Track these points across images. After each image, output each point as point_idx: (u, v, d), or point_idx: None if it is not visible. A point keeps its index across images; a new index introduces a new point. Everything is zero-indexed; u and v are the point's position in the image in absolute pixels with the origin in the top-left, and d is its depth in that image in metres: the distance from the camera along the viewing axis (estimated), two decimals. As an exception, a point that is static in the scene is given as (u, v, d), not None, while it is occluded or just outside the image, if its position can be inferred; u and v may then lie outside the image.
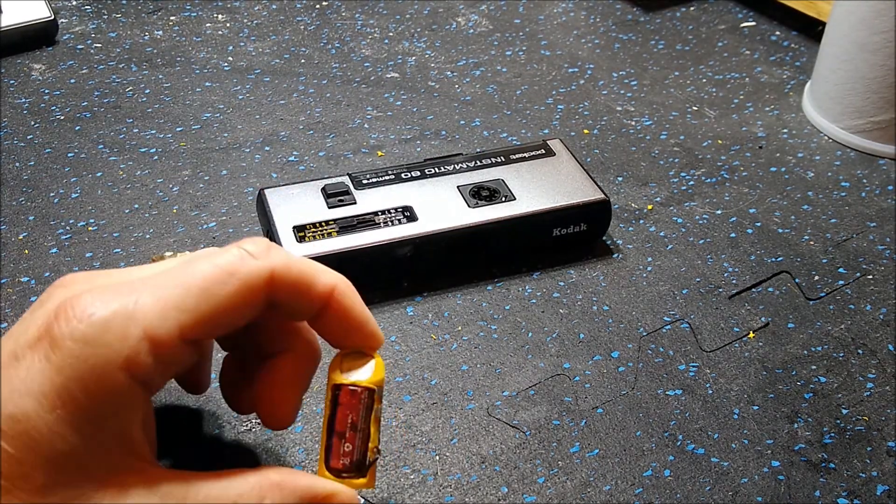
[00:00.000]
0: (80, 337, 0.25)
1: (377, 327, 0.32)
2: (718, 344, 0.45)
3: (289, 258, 0.29)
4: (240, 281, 0.27)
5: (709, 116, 0.62)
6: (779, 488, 0.38)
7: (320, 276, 0.30)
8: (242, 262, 0.27)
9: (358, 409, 0.31)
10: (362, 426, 0.31)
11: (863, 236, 0.52)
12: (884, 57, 0.55)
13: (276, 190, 0.47)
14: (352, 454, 0.31)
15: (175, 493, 0.26)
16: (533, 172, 0.50)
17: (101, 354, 0.25)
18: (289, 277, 0.28)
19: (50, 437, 0.24)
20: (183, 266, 0.27)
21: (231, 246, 0.28)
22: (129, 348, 0.25)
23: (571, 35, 0.71)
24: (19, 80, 0.63)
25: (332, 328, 0.31)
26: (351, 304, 0.31)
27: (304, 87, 0.63)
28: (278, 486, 0.28)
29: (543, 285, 0.48)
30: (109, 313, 0.25)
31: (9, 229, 0.50)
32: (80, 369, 0.24)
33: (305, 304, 0.30)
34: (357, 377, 0.31)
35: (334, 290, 0.30)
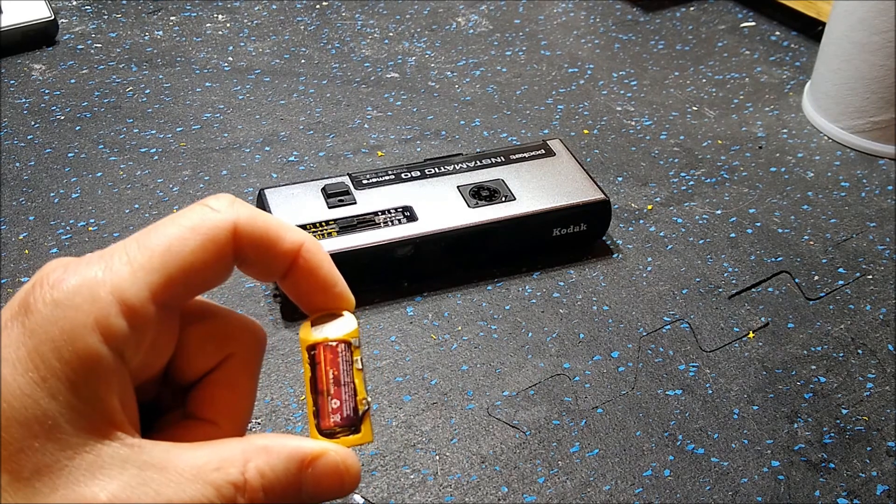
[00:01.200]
0: (51, 301, 0.25)
1: (347, 287, 0.32)
2: (718, 344, 0.45)
3: (253, 211, 0.29)
4: (203, 235, 0.27)
5: (709, 116, 0.62)
6: (779, 488, 0.38)
7: (287, 231, 0.29)
8: (204, 217, 0.27)
9: (337, 363, 0.31)
10: (346, 380, 0.30)
11: (863, 236, 0.52)
12: (884, 57, 0.55)
13: (276, 190, 0.47)
14: (341, 410, 0.30)
15: (154, 462, 0.26)
16: (533, 172, 0.50)
17: (71, 317, 0.25)
18: (254, 230, 0.28)
19: (22, 401, 0.24)
20: (147, 230, 0.27)
21: (194, 204, 0.28)
22: (99, 309, 0.25)
23: (571, 35, 0.71)
24: (19, 80, 0.63)
25: (300, 287, 0.31)
26: (319, 263, 0.30)
27: (304, 87, 0.63)
28: (264, 450, 0.28)
29: (543, 285, 0.48)
30: (80, 280, 0.26)
31: (9, 229, 0.50)
32: (50, 331, 0.25)
33: (272, 260, 0.30)
34: (329, 333, 0.31)
35: (302, 246, 0.30)
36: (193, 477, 0.26)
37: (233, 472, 0.27)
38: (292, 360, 0.42)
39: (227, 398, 0.31)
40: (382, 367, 0.43)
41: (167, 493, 0.25)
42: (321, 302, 0.32)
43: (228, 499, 0.26)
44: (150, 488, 0.25)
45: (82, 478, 0.25)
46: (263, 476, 0.27)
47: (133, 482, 0.25)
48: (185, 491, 0.26)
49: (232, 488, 0.26)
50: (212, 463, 0.26)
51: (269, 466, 0.27)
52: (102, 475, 0.25)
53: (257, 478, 0.27)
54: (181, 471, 0.26)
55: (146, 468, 0.26)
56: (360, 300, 0.45)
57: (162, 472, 0.26)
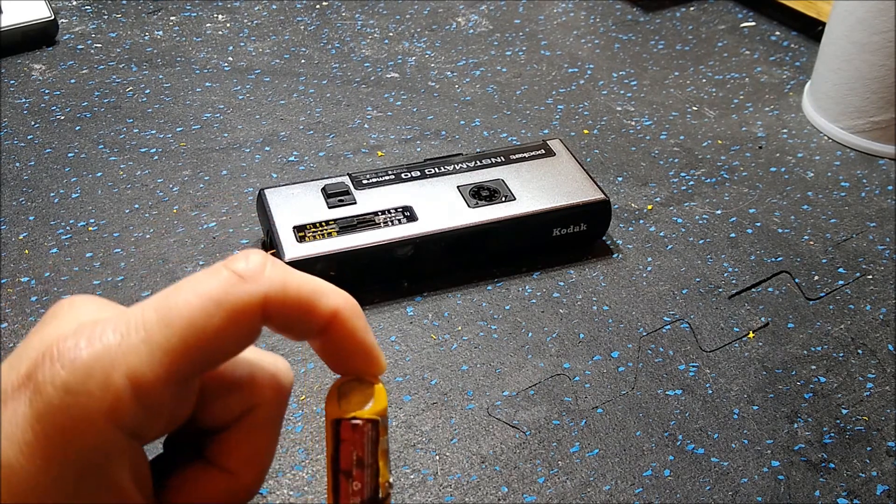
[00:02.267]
0: (62, 385, 0.24)
1: (380, 353, 0.29)
2: (718, 344, 0.45)
3: (285, 278, 0.26)
4: (228, 311, 0.25)
5: (709, 116, 0.62)
6: (779, 488, 0.38)
7: (322, 298, 0.27)
8: (231, 288, 0.25)
9: (363, 443, 0.29)
10: (370, 461, 0.29)
11: (862, 236, 0.52)
12: (884, 57, 0.55)
13: (277, 190, 0.47)
14: (362, 492, 0.28)
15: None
16: (533, 172, 0.50)
17: (83, 404, 0.24)
18: (286, 301, 0.26)
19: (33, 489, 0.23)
20: (167, 298, 0.25)
21: (220, 265, 0.26)
22: (114, 397, 0.24)
23: (571, 35, 0.71)
24: (19, 80, 0.63)
25: (331, 352, 0.29)
26: (354, 329, 0.28)
27: (304, 87, 0.63)
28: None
29: (543, 285, 0.48)
30: (92, 357, 0.24)
31: (9, 229, 0.50)
32: (60, 419, 0.23)
33: (304, 328, 0.27)
34: (357, 409, 0.29)
35: (338, 313, 0.27)
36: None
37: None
38: (292, 360, 0.42)
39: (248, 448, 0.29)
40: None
41: None
42: (352, 367, 0.29)
43: None
44: None
45: None
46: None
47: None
48: None
49: None
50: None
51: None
52: None
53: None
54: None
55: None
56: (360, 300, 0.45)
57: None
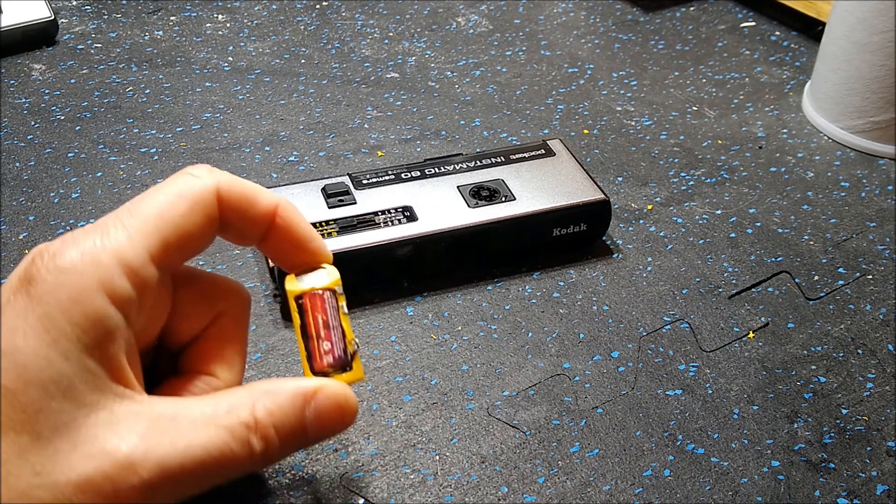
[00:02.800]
0: (55, 268, 0.26)
1: (323, 243, 0.34)
2: (718, 344, 0.45)
3: (231, 176, 0.31)
4: (190, 200, 0.29)
5: (709, 116, 0.62)
6: (779, 488, 0.38)
7: (263, 192, 0.32)
8: (189, 183, 0.30)
9: (325, 308, 0.32)
10: (334, 324, 0.32)
11: (862, 236, 0.52)
12: (884, 57, 0.55)
13: (276, 190, 0.47)
14: (332, 351, 0.31)
15: (166, 414, 0.27)
16: (533, 172, 0.50)
17: (77, 281, 0.26)
18: (233, 192, 0.31)
19: (38, 364, 0.25)
20: (137, 200, 0.29)
21: (177, 173, 0.30)
22: (104, 272, 0.26)
23: (571, 35, 0.71)
24: (19, 80, 0.63)
25: (279, 247, 0.33)
26: (295, 222, 0.32)
27: (304, 87, 0.63)
28: (268, 392, 0.29)
29: (543, 285, 0.48)
30: (80, 248, 0.27)
31: (9, 229, 0.50)
32: (58, 296, 0.26)
33: (251, 223, 0.31)
34: (314, 283, 0.32)
35: (277, 206, 0.32)
36: (205, 423, 0.27)
37: (243, 413, 0.28)
38: (292, 360, 0.42)
39: (223, 351, 0.32)
40: (382, 367, 0.43)
41: (183, 440, 0.26)
42: (300, 258, 0.33)
43: (242, 439, 0.27)
44: (166, 437, 0.26)
45: (100, 433, 0.25)
46: (272, 414, 0.28)
47: (149, 433, 0.26)
48: (199, 436, 0.26)
49: (244, 428, 0.27)
50: (221, 409, 0.27)
51: (275, 405, 0.28)
52: (119, 429, 0.26)
53: (267, 416, 0.28)
54: (193, 419, 0.27)
55: (159, 420, 0.26)
56: (360, 300, 0.45)
57: (174, 422, 0.27)
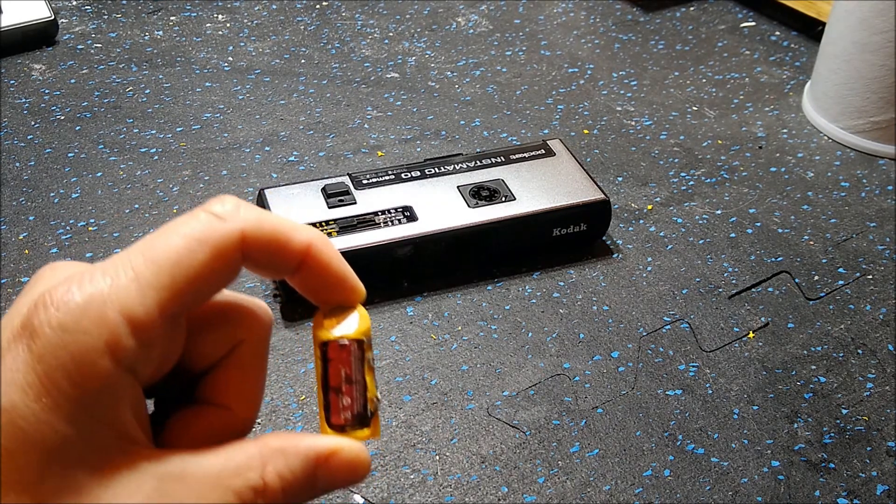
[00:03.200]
0: (58, 325, 0.25)
1: (357, 280, 0.32)
2: (718, 344, 0.45)
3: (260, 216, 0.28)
4: (210, 247, 0.26)
5: (709, 116, 0.62)
6: (779, 488, 0.38)
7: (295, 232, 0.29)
8: (211, 227, 0.27)
9: (349, 361, 0.31)
10: (357, 378, 0.30)
11: (863, 236, 0.52)
12: (884, 57, 0.55)
13: (276, 190, 0.47)
14: (352, 407, 0.30)
15: (173, 472, 0.26)
16: (533, 172, 0.50)
17: (81, 341, 0.25)
18: (261, 237, 0.28)
19: (38, 427, 0.24)
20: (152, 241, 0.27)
21: (198, 209, 0.28)
22: (109, 332, 0.25)
23: (571, 35, 0.71)
24: (19, 80, 0.63)
25: (310, 284, 0.31)
26: (329, 260, 0.30)
27: (304, 87, 0.63)
28: (280, 452, 0.28)
29: (543, 285, 0.48)
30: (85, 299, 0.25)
31: (9, 229, 0.50)
32: (60, 357, 0.25)
33: (281, 262, 0.29)
34: (343, 331, 0.30)
35: (310, 246, 0.29)
36: (213, 484, 0.26)
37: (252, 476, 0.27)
38: (292, 360, 0.42)
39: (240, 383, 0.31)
40: (382, 367, 0.43)
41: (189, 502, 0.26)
42: (333, 296, 0.32)
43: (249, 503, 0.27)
44: (172, 499, 0.25)
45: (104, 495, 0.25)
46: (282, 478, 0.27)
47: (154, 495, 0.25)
48: (206, 498, 0.26)
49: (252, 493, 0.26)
50: (229, 468, 0.27)
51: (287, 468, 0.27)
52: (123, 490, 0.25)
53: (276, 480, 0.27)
54: (200, 479, 0.26)
55: (166, 479, 0.26)
56: (360, 300, 0.44)
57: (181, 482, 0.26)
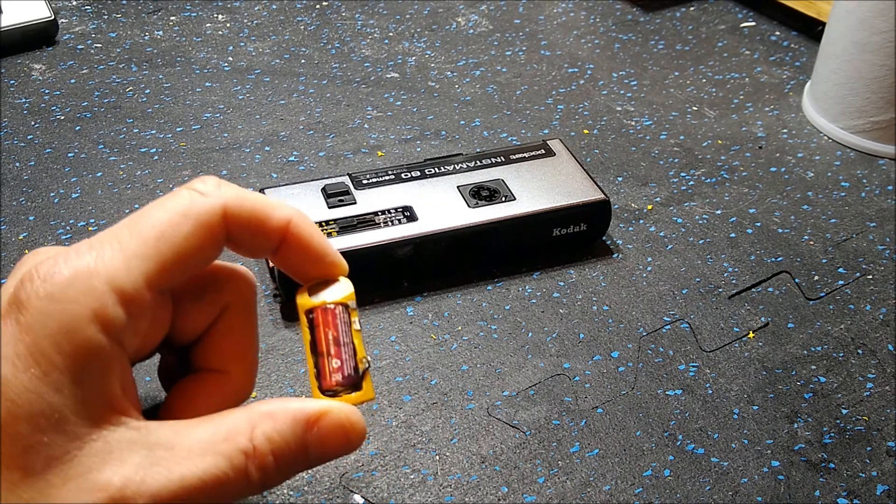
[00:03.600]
0: (46, 295, 0.25)
1: (339, 255, 0.32)
2: (718, 344, 0.45)
3: (240, 192, 0.29)
4: (194, 220, 0.27)
5: (709, 116, 0.62)
6: (779, 488, 0.38)
7: (275, 209, 0.30)
8: (194, 202, 0.28)
9: (336, 324, 0.31)
10: (345, 340, 0.30)
11: (863, 236, 0.52)
12: (884, 57, 0.55)
13: (277, 190, 0.47)
14: (342, 369, 0.30)
15: (162, 441, 0.26)
16: (533, 172, 0.50)
17: (68, 310, 0.25)
18: (242, 211, 0.29)
19: (27, 397, 0.24)
20: (137, 216, 0.27)
21: (180, 188, 0.29)
22: (96, 301, 0.25)
23: (571, 35, 0.71)
24: (19, 80, 0.63)
25: (292, 260, 0.31)
26: (309, 235, 0.31)
27: (304, 87, 0.63)
28: (269, 416, 0.28)
29: (543, 285, 0.48)
30: (73, 271, 0.25)
31: (9, 229, 0.50)
32: (48, 326, 0.25)
33: (262, 239, 0.30)
34: (326, 297, 0.31)
35: (290, 221, 0.30)
36: (203, 451, 0.26)
37: (241, 440, 0.26)
38: (292, 360, 0.42)
39: (233, 345, 0.31)
40: (382, 367, 0.43)
41: (179, 469, 0.25)
42: (314, 272, 0.32)
43: (239, 467, 0.26)
44: (161, 467, 0.25)
45: (93, 465, 0.25)
46: (271, 441, 0.27)
47: (144, 463, 0.25)
48: (196, 465, 0.26)
49: (242, 456, 0.26)
50: (219, 434, 0.26)
51: (275, 431, 0.27)
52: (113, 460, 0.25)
53: (265, 443, 0.27)
54: (190, 446, 0.26)
55: (155, 448, 0.26)
56: (360, 300, 0.45)
57: (171, 451, 0.26)
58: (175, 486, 0.25)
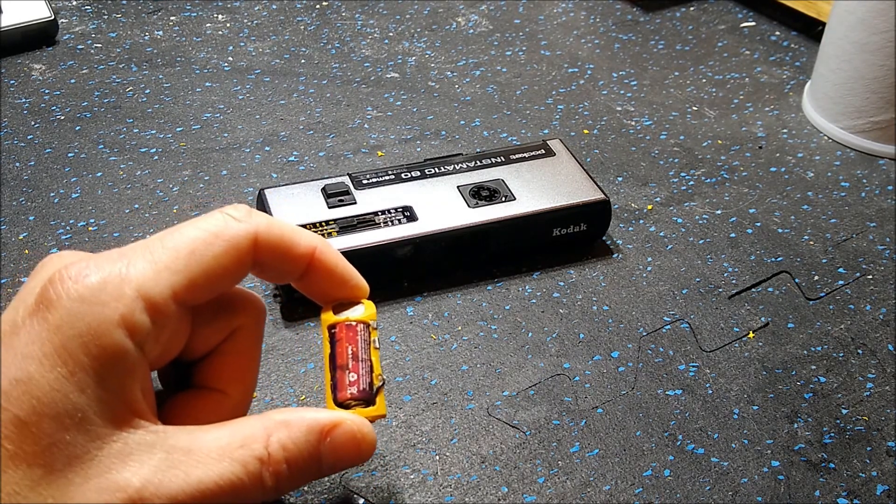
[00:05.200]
0: (76, 296, 0.25)
1: (361, 279, 0.34)
2: (718, 344, 0.45)
3: (270, 220, 0.30)
4: (226, 242, 0.28)
5: (709, 116, 0.62)
6: (779, 488, 0.38)
7: (301, 236, 0.31)
8: (227, 225, 0.29)
9: (356, 340, 0.32)
10: (364, 357, 0.31)
11: (863, 236, 0.52)
12: (884, 57, 0.55)
13: (277, 190, 0.47)
14: (357, 383, 0.31)
15: (180, 445, 0.26)
16: (533, 172, 0.50)
17: (98, 312, 0.25)
18: (271, 238, 0.30)
19: (52, 396, 0.25)
20: (170, 232, 0.28)
21: (214, 212, 0.29)
22: (125, 306, 0.26)
23: (571, 35, 0.71)
24: (19, 80, 0.63)
25: (317, 286, 0.32)
26: (333, 262, 0.32)
27: (304, 87, 0.63)
28: (284, 424, 0.29)
29: (543, 285, 0.48)
30: (104, 276, 0.26)
31: (9, 229, 0.50)
32: (77, 327, 0.25)
33: (289, 265, 0.31)
34: (350, 315, 0.32)
35: (316, 249, 0.31)
36: (219, 456, 0.27)
37: (256, 447, 0.27)
38: (292, 360, 0.43)
39: (236, 368, 0.32)
40: (382, 367, 0.43)
41: (196, 473, 0.26)
42: (339, 296, 0.33)
43: (254, 473, 0.27)
44: (179, 470, 0.26)
45: (113, 465, 0.25)
46: (286, 449, 0.28)
47: (162, 466, 0.26)
48: (213, 470, 0.26)
49: (257, 463, 0.27)
50: (235, 441, 0.27)
51: (290, 440, 0.28)
52: (132, 461, 0.25)
53: (280, 451, 0.27)
54: (207, 451, 0.27)
55: (173, 452, 0.26)
56: (360, 300, 0.43)
57: (189, 455, 0.26)
58: (192, 489, 0.25)
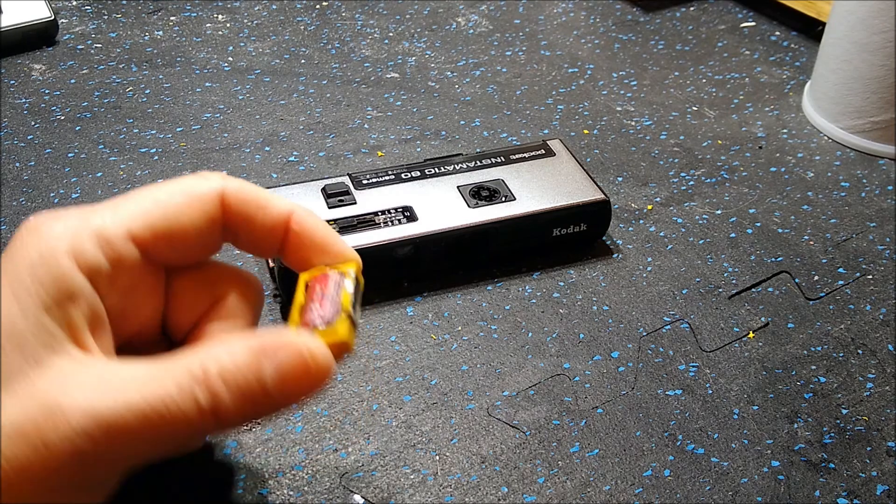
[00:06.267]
0: (32, 228, 0.27)
1: (347, 245, 0.32)
2: (718, 344, 0.45)
3: (243, 182, 0.30)
4: (189, 196, 0.29)
5: (709, 116, 0.62)
6: (779, 488, 0.38)
7: (275, 199, 0.30)
8: (195, 182, 0.29)
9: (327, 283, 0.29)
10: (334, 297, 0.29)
11: (863, 236, 0.52)
12: (884, 57, 0.55)
13: (276, 190, 0.47)
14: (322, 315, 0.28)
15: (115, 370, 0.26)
16: (533, 172, 0.50)
17: (46, 240, 0.27)
18: (241, 197, 0.29)
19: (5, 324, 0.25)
20: (137, 190, 0.29)
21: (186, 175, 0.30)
22: (75, 236, 0.27)
23: (571, 35, 0.71)
24: (19, 80, 0.63)
25: (300, 256, 0.31)
26: (313, 227, 0.30)
27: (304, 87, 0.63)
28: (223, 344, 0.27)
29: (543, 285, 0.48)
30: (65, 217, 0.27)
31: (9, 229, 0.50)
32: (28, 255, 0.26)
33: (263, 228, 0.30)
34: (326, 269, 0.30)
35: (292, 213, 0.30)
36: (153, 377, 0.25)
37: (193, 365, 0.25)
38: (292, 360, 0.42)
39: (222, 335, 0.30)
40: (382, 367, 0.43)
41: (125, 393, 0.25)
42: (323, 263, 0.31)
43: (187, 391, 0.25)
44: (107, 388, 0.25)
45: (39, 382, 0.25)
46: (222, 365, 0.25)
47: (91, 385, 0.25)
48: (146, 387, 0.25)
49: (190, 379, 0.25)
50: (171, 361, 0.26)
51: (228, 356, 0.26)
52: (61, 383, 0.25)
53: (216, 367, 0.25)
54: (143, 374, 0.26)
55: (107, 375, 0.25)
56: (360, 300, 0.44)
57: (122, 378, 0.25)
58: (119, 407, 0.24)
